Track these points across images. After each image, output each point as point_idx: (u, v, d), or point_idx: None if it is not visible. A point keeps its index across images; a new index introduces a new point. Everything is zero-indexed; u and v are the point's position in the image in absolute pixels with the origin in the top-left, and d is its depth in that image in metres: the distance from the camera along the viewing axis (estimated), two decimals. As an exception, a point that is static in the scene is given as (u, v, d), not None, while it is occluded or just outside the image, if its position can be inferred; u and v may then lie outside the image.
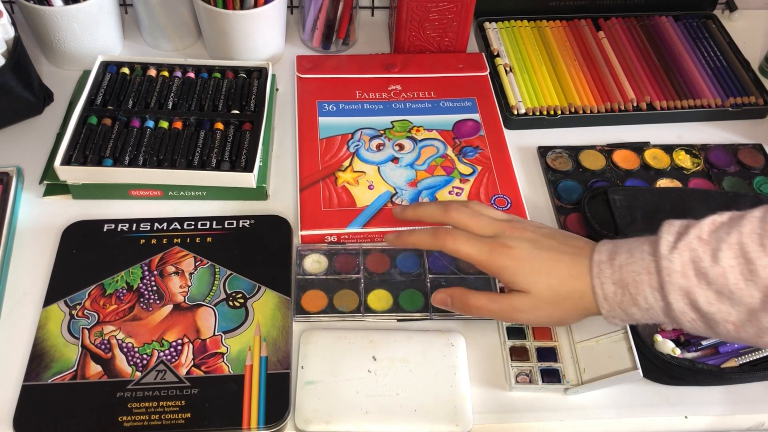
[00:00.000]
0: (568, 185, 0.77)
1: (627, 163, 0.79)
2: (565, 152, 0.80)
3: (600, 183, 0.77)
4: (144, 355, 0.60)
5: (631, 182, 0.78)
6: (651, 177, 0.78)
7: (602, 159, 0.79)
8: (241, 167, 0.70)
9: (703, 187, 0.78)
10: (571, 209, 0.75)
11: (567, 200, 0.76)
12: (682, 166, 0.79)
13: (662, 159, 0.79)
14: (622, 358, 0.58)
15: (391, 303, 0.64)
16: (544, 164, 0.79)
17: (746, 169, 0.79)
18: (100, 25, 0.81)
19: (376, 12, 0.95)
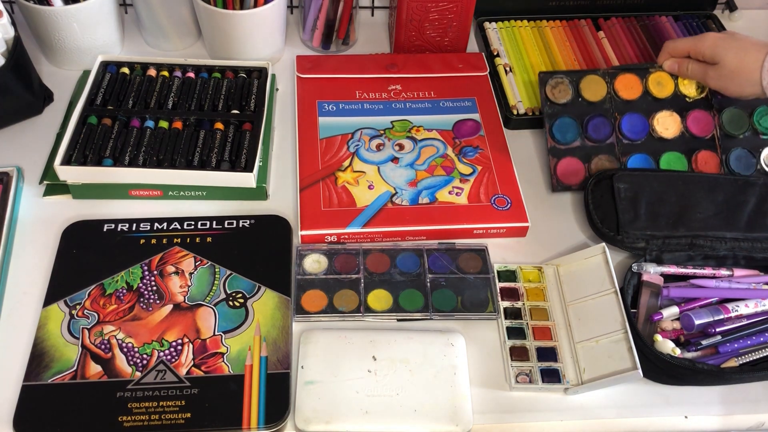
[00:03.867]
0: (564, 123, 0.76)
1: (629, 91, 0.78)
2: (566, 77, 0.79)
3: (597, 118, 0.77)
4: (144, 355, 0.60)
5: (629, 116, 0.77)
6: (650, 106, 0.78)
7: (603, 87, 0.78)
8: (240, 167, 0.70)
9: (701, 119, 0.78)
10: (564, 151, 0.75)
11: (561, 140, 0.76)
12: (685, 94, 0.79)
13: (666, 85, 0.79)
14: (622, 358, 0.58)
15: (391, 303, 0.64)
16: (543, 95, 0.78)
17: (755, 99, 0.78)
18: (100, 25, 0.81)
19: (376, 12, 0.95)
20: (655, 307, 0.65)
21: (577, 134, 0.77)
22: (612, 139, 0.77)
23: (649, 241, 0.67)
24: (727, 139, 0.78)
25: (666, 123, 0.78)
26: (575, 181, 0.76)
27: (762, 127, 0.78)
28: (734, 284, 0.66)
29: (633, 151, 0.77)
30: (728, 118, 0.78)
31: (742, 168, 0.77)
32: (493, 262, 0.68)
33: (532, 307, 0.65)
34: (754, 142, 0.78)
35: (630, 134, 0.77)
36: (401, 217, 0.69)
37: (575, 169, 0.76)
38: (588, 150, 0.77)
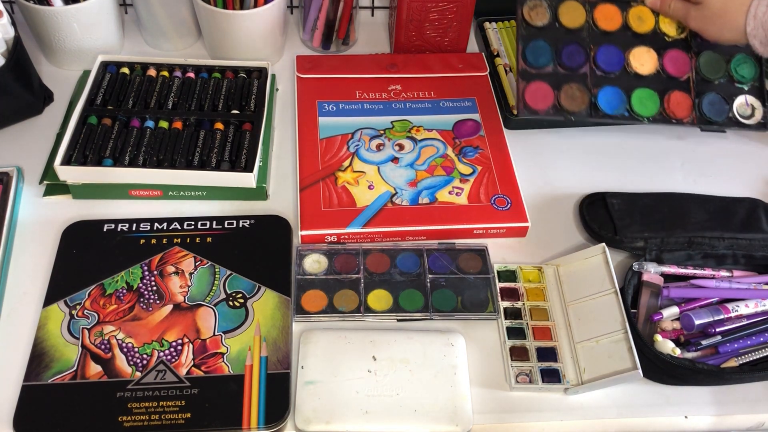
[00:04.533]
0: (538, 46, 0.75)
1: (608, 22, 0.77)
2: (545, 0, 0.77)
3: (572, 46, 0.76)
4: (144, 355, 0.60)
5: (606, 48, 0.76)
6: (628, 40, 0.77)
7: (582, 14, 0.77)
8: (241, 167, 0.70)
9: (678, 59, 0.78)
10: (534, 75, 0.74)
11: (533, 64, 0.74)
12: (664, 32, 0.78)
13: (646, 20, 0.78)
14: (622, 358, 0.58)
15: (391, 303, 0.64)
16: (520, 15, 0.76)
17: (734, 45, 0.78)
18: (100, 25, 0.81)
19: (376, 12, 0.95)
20: (655, 307, 0.65)
21: (550, 59, 0.76)
22: (585, 69, 0.77)
23: (647, 240, 0.67)
24: (702, 83, 0.78)
25: (642, 59, 0.77)
26: (543, 106, 0.75)
27: (738, 75, 0.78)
28: (734, 284, 0.66)
29: (605, 84, 0.77)
30: (705, 61, 0.78)
31: (714, 113, 0.76)
32: (493, 262, 0.68)
33: (532, 307, 0.65)
34: (729, 90, 0.78)
35: (604, 66, 0.77)
36: (401, 217, 0.69)
37: (544, 93, 0.76)
38: (560, 77, 0.76)
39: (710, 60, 0.78)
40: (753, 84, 0.79)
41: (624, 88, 0.77)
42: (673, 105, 0.76)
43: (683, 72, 0.78)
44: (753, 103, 0.78)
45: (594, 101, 0.76)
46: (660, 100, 0.77)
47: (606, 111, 0.76)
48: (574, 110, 0.76)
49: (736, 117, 0.77)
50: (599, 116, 0.76)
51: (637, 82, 0.77)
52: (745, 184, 0.77)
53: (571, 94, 0.76)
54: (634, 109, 0.76)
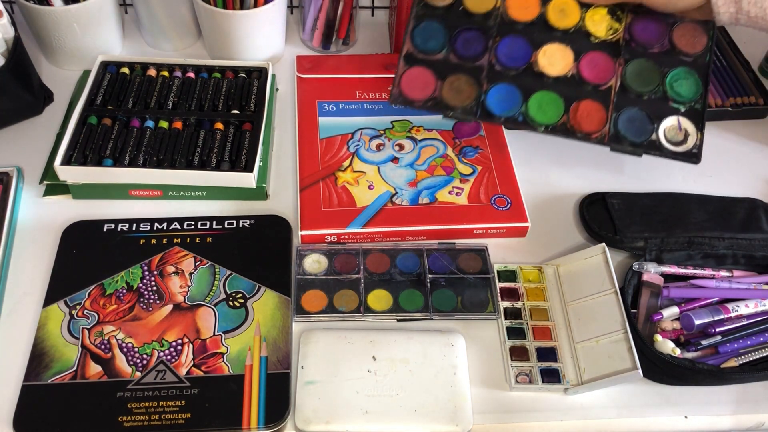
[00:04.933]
0: (430, 28, 0.66)
1: (521, 11, 0.67)
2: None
3: (470, 32, 0.66)
4: (144, 355, 0.60)
5: (511, 40, 0.66)
6: (541, 35, 0.67)
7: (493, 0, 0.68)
8: (241, 167, 0.70)
9: (599, 63, 0.66)
10: (420, 61, 0.66)
11: (421, 47, 0.66)
12: (590, 32, 0.67)
13: (570, 15, 0.67)
14: (622, 358, 0.58)
15: (391, 303, 0.64)
16: (419, 2, 0.68)
17: (674, 54, 0.68)
18: (100, 25, 0.81)
19: (376, 12, 0.95)
20: (655, 307, 0.65)
21: (442, 45, 0.67)
22: (482, 61, 0.67)
23: (647, 240, 0.67)
24: (625, 96, 0.68)
25: (553, 57, 0.68)
26: (420, 95, 0.67)
27: (674, 92, 0.67)
28: (734, 284, 0.66)
29: (501, 81, 0.67)
30: (636, 70, 0.67)
31: (632, 132, 0.66)
32: (493, 262, 0.68)
33: (532, 307, 0.65)
34: (658, 108, 0.68)
35: (505, 60, 0.67)
36: (401, 217, 0.69)
37: (425, 82, 0.68)
38: (450, 67, 0.68)
39: (642, 69, 0.67)
40: (691, 105, 0.68)
41: (523, 89, 0.67)
42: (581, 116, 0.66)
43: (603, 78, 0.67)
44: (687, 128, 0.67)
45: (482, 99, 0.67)
46: (565, 107, 0.67)
47: (494, 111, 0.66)
48: (456, 105, 0.67)
49: (660, 141, 0.67)
50: (485, 117, 0.67)
51: (541, 84, 0.67)
52: (745, 184, 0.77)
53: (457, 87, 0.67)
54: (529, 114, 0.67)
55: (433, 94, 0.67)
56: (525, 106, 0.66)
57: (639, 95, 0.67)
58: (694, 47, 0.68)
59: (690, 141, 0.67)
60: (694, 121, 0.68)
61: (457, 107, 0.67)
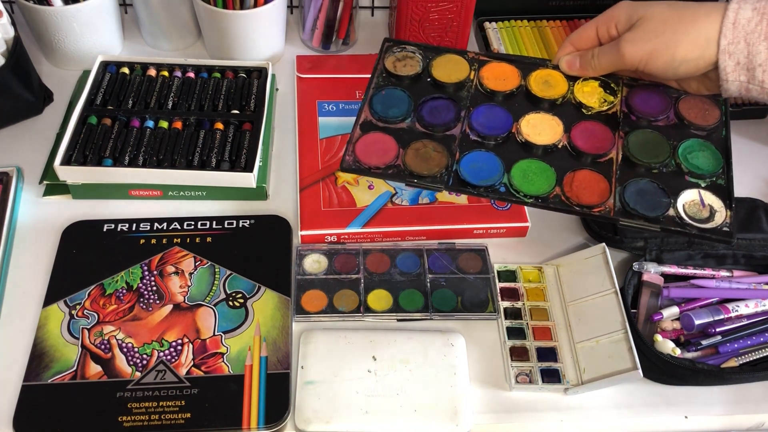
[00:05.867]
0: (392, 95, 0.59)
1: (499, 82, 0.60)
2: (419, 53, 0.62)
3: (440, 101, 0.58)
4: (144, 355, 0.60)
5: (488, 108, 0.59)
6: (522, 107, 0.59)
7: (465, 70, 0.61)
8: (240, 167, 0.70)
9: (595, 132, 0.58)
10: (381, 129, 0.57)
11: (381, 115, 0.58)
12: (582, 102, 0.60)
13: (556, 86, 0.60)
14: (622, 358, 0.58)
15: (391, 303, 0.64)
16: (381, 66, 0.60)
17: (684, 126, 0.60)
18: (99, 24, 0.81)
19: (376, 12, 0.95)
20: (655, 307, 0.65)
21: (406, 113, 0.60)
22: (455, 131, 0.60)
23: (647, 240, 0.67)
24: (629, 167, 0.59)
25: (540, 126, 0.60)
26: (378, 162, 0.58)
27: (690, 165, 0.59)
28: (734, 284, 0.66)
29: (477, 149, 0.59)
30: (639, 140, 0.59)
31: (644, 206, 0.57)
32: (493, 262, 0.68)
33: (532, 307, 0.65)
34: (673, 183, 0.59)
35: (482, 128, 0.59)
36: (401, 217, 0.69)
37: (383, 149, 0.59)
38: (414, 135, 0.60)
39: (647, 141, 0.59)
40: (713, 180, 0.59)
41: (504, 158, 0.59)
42: (578, 187, 0.57)
43: (601, 149, 0.59)
44: (712, 204, 0.58)
45: (454, 167, 0.59)
46: (557, 178, 0.59)
47: (469, 180, 0.57)
48: (423, 173, 0.58)
49: (681, 216, 0.57)
50: (458, 186, 0.58)
51: (526, 153, 0.59)
52: (745, 184, 0.77)
53: (424, 154, 0.59)
54: (513, 184, 0.58)
55: (394, 161, 0.58)
56: (507, 176, 0.58)
57: (647, 168, 0.58)
58: (707, 120, 0.60)
59: (718, 218, 0.57)
60: (721, 197, 0.58)
61: (424, 175, 0.58)
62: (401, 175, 0.58)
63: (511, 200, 0.58)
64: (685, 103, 0.61)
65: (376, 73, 0.61)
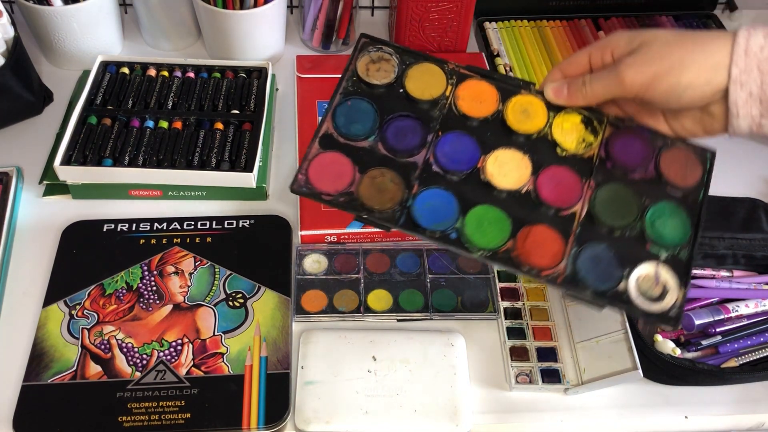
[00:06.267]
0: (358, 108, 0.54)
1: (475, 104, 0.55)
2: (396, 57, 0.56)
3: (407, 121, 0.54)
4: (144, 355, 0.60)
5: (457, 137, 0.54)
6: (496, 138, 0.54)
7: (441, 84, 0.56)
8: (240, 167, 0.70)
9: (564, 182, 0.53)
10: (340, 146, 0.53)
11: (342, 131, 0.54)
12: (557, 142, 0.55)
13: (535, 117, 0.55)
14: (622, 358, 0.58)
15: (391, 303, 0.64)
16: (353, 67, 0.56)
17: (660, 184, 0.55)
18: (99, 24, 0.81)
19: (376, 12, 0.95)
20: (655, 307, 0.65)
21: (370, 131, 0.55)
22: (418, 158, 0.55)
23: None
24: (591, 226, 0.53)
25: (507, 166, 0.54)
26: (330, 188, 0.53)
27: (654, 233, 0.53)
28: (734, 284, 0.66)
29: (435, 185, 0.54)
30: (609, 196, 0.53)
31: (595, 276, 0.51)
32: (493, 262, 0.68)
33: (532, 307, 0.65)
34: (633, 250, 0.53)
35: (446, 160, 0.54)
36: (401, 217, 0.69)
37: (338, 172, 0.54)
38: (375, 158, 0.55)
39: (617, 197, 0.53)
40: (674, 254, 0.53)
41: (463, 199, 0.54)
42: (531, 245, 0.52)
43: (566, 201, 0.53)
44: (667, 281, 0.52)
45: (409, 203, 0.53)
46: (512, 230, 0.53)
47: (420, 222, 0.52)
48: (374, 207, 0.53)
49: (630, 293, 0.51)
50: (408, 226, 0.53)
51: (486, 196, 0.54)
52: (745, 184, 0.77)
53: (380, 185, 0.54)
54: (465, 232, 0.52)
55: (348, 188, 0.53)
56: (461, 221, 0.53)
57: (610, 230, 0.53)
58: (685, 180, 0.55)
59: (669, 299, 0.51)
60: (678, 274, 0.52)
61: (375, 210, 0.53)
62: (353, 206, 0.53)
63: (458, 251, 0.52)
64: (668, 156, 0.56)
65: (346, 76, 0.56)
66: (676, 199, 0.55)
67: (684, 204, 0.55)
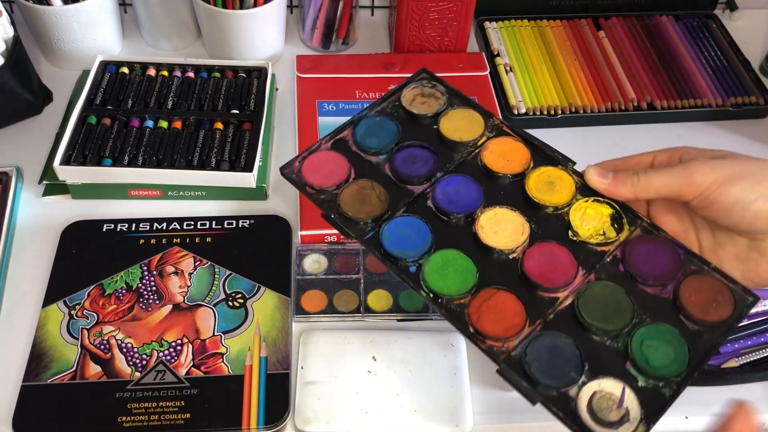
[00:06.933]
0: (383, 125, 0.53)
1: (501, 162, 0.52)
2: (446, 96, 0.55)
3: (423, 151, 0.52)
4: (143, 356, 0.60)
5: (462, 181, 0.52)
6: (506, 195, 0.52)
7: (477, 132, 0.53)
8: (240, 167, 0.70)
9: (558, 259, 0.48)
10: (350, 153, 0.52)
11: (359, 141, 0.53)
12: (572, 224, 0.50)
13: (557, 193, 0.51)
14: (622, 359, 0.57)
15: (391, 303, 0.64)
16: (399, 95, 0.54)
17: (673, 309, 0.47)
18: (99, 24, 0.81)
19: (376, 11, 0.95)
20: (655, 308, 0.64)
21: (383, 149, 0.54)
22: (415, 189, 0.53)
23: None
24: (566, 318, 0.47)
25: (503, 225, 0.50)
26: (316, 181, 0.53)
27: (640, 355, 0.45)
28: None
29: (417, 215, 0.51)
30: (602, 295, 0.47)
31: (544, 370, 0.46)
32: (493, 262, 0.68)
33: (532, 307, 0.65)
34: (605, 359, 0.46)
35: (442, 199, 0.52)
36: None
37: (332, 170, 0.53)
38: (376, 175, 0.53)
39: (611, 301, 0.46)
40: (658, 385, 0.45)
41: (439, 238, 0.50)
42: (487, 309, 0.47)
43: (552, 282, 0.47)
44: (631, 409, 0.44)
45: (384, 221, 0.51)
46: (474, 287, 0.48)
47: (384, 244, 0.50)
48: (347, 213, 0.51)
49: (578, 407, 0.44)
50: (371, 244, 0.50)
51: (463, 244, 0.50)
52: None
53: (365, 197, 0.52)
54: (423, 269, 0.49)
55: (333, 188, 0.52)
56: (426, 258, 0.49)
57: (586, 329, 0.46)
58: (707, 314, 0.46)
59: (624, 429, 0.43)
60: (647, 409, 0.44)
61: (347, 216, 0.51)
62: (328, 205, 0.51)
63: (408, 284, 0.48)
64: (696, 282, 0.47)
65: (389, 97, 0.54)
66: (684, 330, 0.46)
67: (690, 337, 0.46)
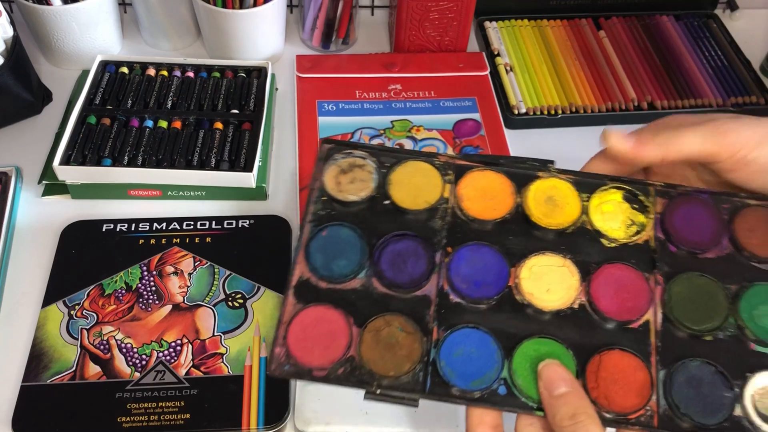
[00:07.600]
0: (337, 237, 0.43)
1: (485, 204, 0.45)
2: (371, 161, 0.45)
3: (404, 243, 0.43)
4: (143, 356, 0.59)
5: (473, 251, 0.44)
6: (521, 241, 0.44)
7: (437, 185, 0.45)
8: (240, 167, 0.70)
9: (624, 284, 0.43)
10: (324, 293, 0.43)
11: (323, 273, 0.44)
12: (600, 230, 0.44)
13: (565, 204, 0.45)
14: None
15: (391, 303, 0.64)
16: (320, 185, 0.45)
17: (742, 258, 0.43)
18: (99, 24, 0.81)
19: (376, 11, 0.95)
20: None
21: (358, 266, 0.44)
22: (428, 289, 0.43)
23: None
24: (673, 336, 0.42)
25: (547, 277, 0.43)
26: (322, 361, 0.42)
27: (758, 329, 0.41)
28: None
29: (460, 321, 0.42)
30: (685, 291, 0.42)
31: (701, 408, 0.40)
32: (494, 262, 0.68)
33: (532, 307, 0.65)
34: (735, 356, 0.41)
35: (466, 286, 0.43)
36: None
37: (329, 333, 0.42)
38: (373, 302, 0.43)
39: (695, 291, 0.42)
40: None
41: (501, 335, 0.42)
42: (607, 379, 0.41)
43: (634, 311, 0.42)
44: None
45: (434, 358, 0.42)
46: (578, 366, 0.41)
47: (453, 381, 0.41)
48: (387, 374, 0.41)
49: (750, 417, 0.39)
50: (440, 390, 0.41)
51: (529, 323, 0.42)
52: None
53: (388, 338, 0.42)
54: (516, 382, 0.41)
55: (345, 354, 0.42)
56: (509, 367, 0.41)
57: (695, 335, 0.41)
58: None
59: None
60: None
61: (389, 377, 0.41)
62: (358, 378, 0.41)
63: (513, 410, 0.40)
64: (744, 220, 0.43)
65: (312, 197, 0.44)
66: None
67: None
